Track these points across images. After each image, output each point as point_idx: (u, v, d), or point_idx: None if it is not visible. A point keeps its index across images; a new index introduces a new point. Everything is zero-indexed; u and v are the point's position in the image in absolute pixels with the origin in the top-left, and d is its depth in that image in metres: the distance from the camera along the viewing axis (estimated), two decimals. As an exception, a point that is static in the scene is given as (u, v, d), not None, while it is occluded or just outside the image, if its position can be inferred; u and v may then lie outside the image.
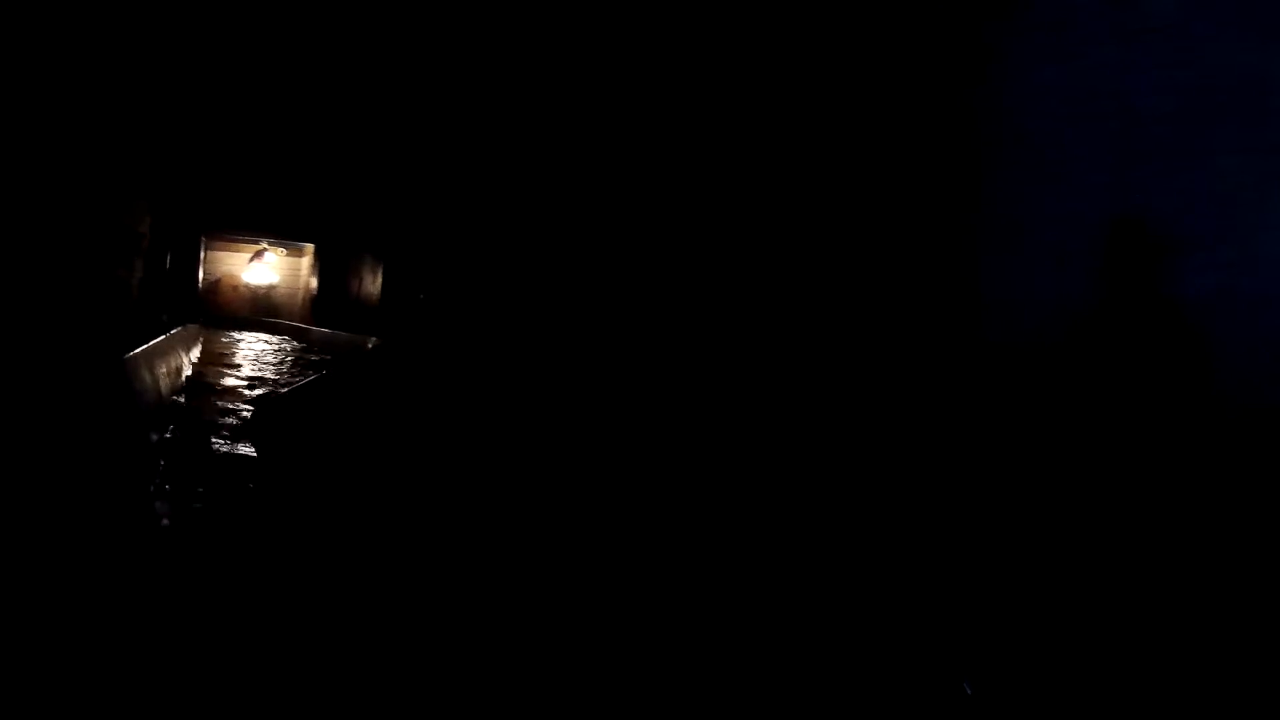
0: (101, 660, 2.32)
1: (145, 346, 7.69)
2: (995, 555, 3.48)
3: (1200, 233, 3.54)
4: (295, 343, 18.61)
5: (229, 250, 24.54)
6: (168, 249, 10.98)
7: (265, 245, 24.44)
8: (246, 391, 9.79)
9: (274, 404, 4.95)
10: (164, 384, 8.44)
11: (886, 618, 3.00)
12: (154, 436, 5.74)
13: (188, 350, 12.83)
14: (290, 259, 25.49)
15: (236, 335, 18.98)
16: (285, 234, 22.97)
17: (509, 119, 7.84)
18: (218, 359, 13.49)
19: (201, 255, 21.83)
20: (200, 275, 21.75)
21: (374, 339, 14.36)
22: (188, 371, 11.53)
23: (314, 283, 22.82)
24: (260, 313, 24.92)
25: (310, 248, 23.71)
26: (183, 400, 9.08)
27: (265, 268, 25.22)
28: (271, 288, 25.56)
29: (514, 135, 7.66)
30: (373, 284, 20.86)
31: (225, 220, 21.35)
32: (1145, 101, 3.80)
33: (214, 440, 5.96)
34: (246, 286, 25.21)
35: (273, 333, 20.85)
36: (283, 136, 16.61)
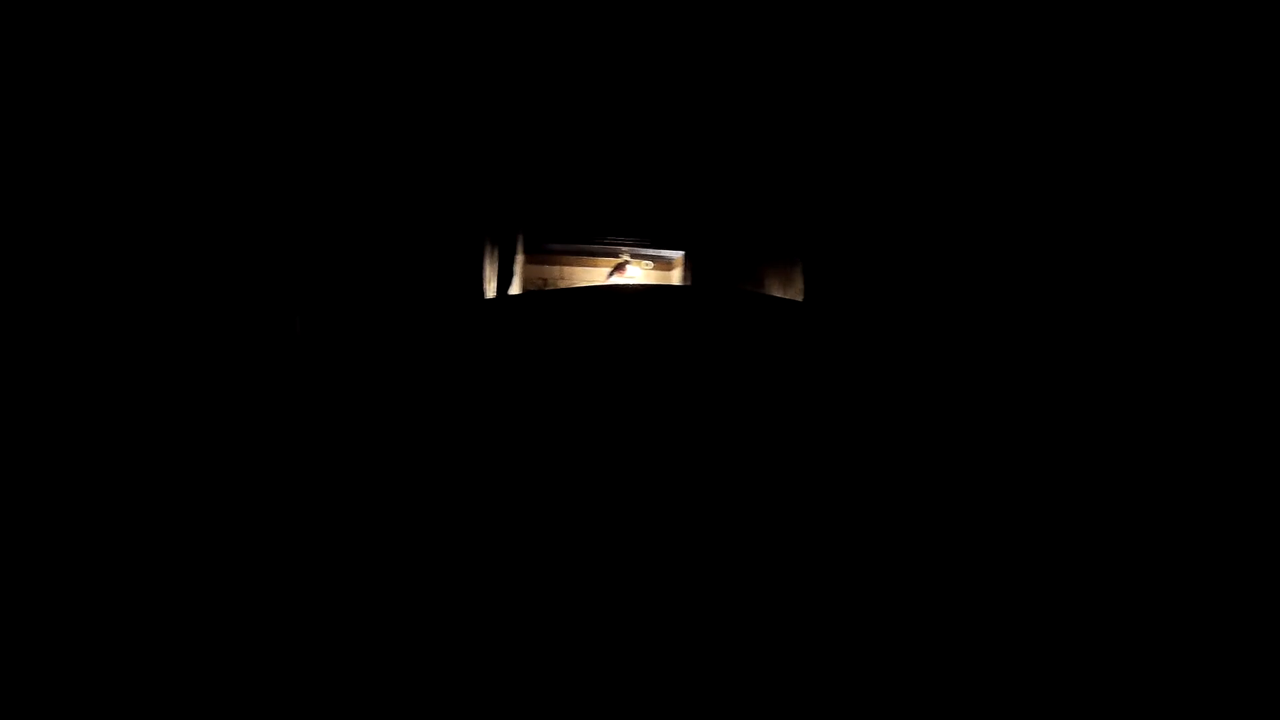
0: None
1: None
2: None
3: None
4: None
5: (582, 265, 21.65)
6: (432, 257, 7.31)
7: (626, 258, 20.88)
8: None
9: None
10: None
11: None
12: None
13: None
14: (656, 273, 21.58)
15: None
16: (648, 239, 19.45)
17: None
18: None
19: (485, 265, 18.99)
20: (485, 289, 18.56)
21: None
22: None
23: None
24: (622, 341, 21.44)
25: (679, 258, 19.45)
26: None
27: (627, 283, 21.76)
28: (632, 313, 21.89)
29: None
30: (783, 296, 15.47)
31: (565, 228, 18.77)
32: None
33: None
34: (607, 307, 21.92)
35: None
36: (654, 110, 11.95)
